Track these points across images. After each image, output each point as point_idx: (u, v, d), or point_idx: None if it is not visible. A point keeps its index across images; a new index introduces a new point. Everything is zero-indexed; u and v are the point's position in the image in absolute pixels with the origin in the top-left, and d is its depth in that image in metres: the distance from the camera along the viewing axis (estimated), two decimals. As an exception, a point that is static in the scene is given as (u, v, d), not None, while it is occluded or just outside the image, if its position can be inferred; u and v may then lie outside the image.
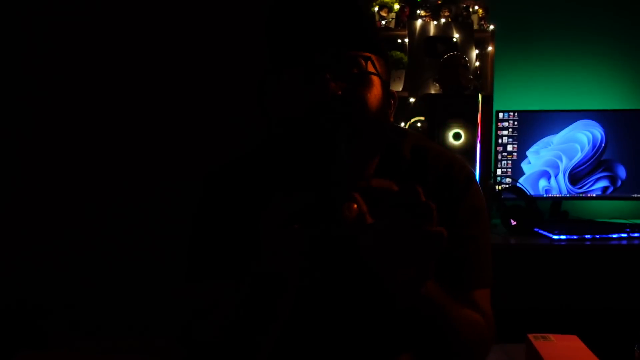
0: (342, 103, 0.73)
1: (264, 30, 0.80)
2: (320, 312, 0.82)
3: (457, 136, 1.97)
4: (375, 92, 0.77)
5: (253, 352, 0.71)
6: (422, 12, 2.27)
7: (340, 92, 0.73)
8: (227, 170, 0.88)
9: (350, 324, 0.83)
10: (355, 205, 0.58)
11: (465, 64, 2.05)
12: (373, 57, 0.78)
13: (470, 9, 2.29)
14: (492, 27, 2.27)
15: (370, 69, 0.77)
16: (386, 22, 2.29)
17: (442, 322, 0.72)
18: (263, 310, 0.68)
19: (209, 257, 0.83)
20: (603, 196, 2.27)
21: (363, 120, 0.75)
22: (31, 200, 2.43)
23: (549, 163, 2.25)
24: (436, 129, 1.97)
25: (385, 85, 0.82)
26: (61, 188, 2.44)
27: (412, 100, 2.21)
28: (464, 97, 2.02)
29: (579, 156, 2.25)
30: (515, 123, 2.25)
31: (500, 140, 2.25)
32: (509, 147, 2.25)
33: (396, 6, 2.28)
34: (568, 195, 2.26)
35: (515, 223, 2.05)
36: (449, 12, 2.26)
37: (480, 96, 2.03)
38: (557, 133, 2.25)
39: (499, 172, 2.25)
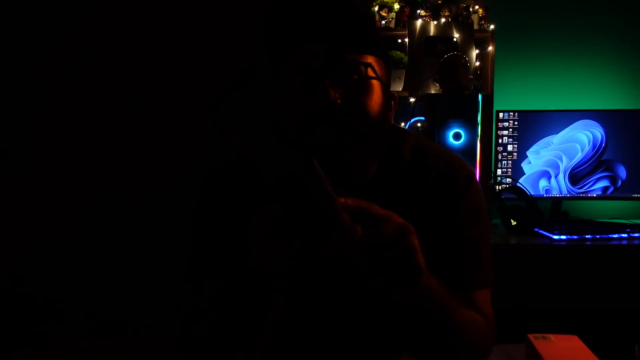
0: (342, 112, 0.73)
1: (261, 34, 0.80)
2: (319, 312, 0.82)
3: (457, 136, 1.97)
4: (375, 97, 0.77)
5: (248, 352, 0.71)
6: (422, 12, 2.27)
7: (339, 101, 0.73)
8: (227, 171, 0.88)
9: (349, 323, 0.83)
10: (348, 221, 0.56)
11: (465, 64, 2.05)
12: (373, 59, 0.78)
13: (471, 9, 2.29)
14: (492, 27, 2.27)
15: (370, 73, 0.77)
16: (386, 22, 2.29)
17: (444, 320, 0.72)
18: (252, 312, 0.68)
19: (208, 257, 0.83)
20: (603, 196, 2.27)
21: (363, 128, 0.75)
22: (31, 200, 2.44)
23: (549, 163, 2.25)
24: (436, 129, 1.97)
25: (385, 87, 0.82)
26: (61, 188, 2.44)
27: (412, 100, 2.21)
28: (464, 97, 2.02)
29: (579, 156, 2.25)
30: (516, 123, 2.25)
31: (500, 140, 2.25)
32: (509, 147, 2.25)
33: (396, 6, 2.28)
34: (568, 195, 2.26)
35: (515, 223, 2.05)
36: (449, 11, 2.26)
37: (480, 96, 2.03)
38: (557, 133, 2.25)
39: (499, 172, 2.25)
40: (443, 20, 2.25)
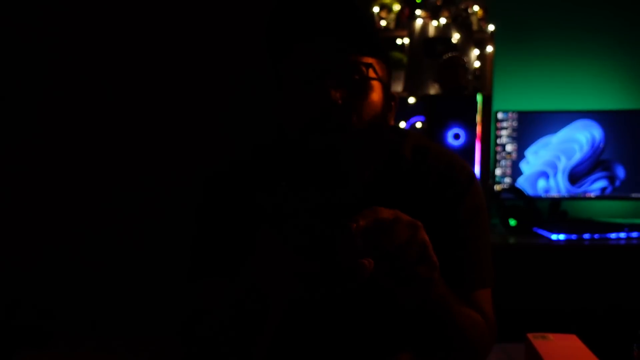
0: (343, 112, 0.74)
1: (264, 34, 0.80)
2: (320, 311, 0.83)
3: (456, 136, 1.98)
4: (375, 98, 0.78)
5: (248, 350, 0.71)
6: (422, 13, 2.28)
7: (340, 101, 0.74)
8: (228, 172, 0.89)
9: (350, 323, 0.83)
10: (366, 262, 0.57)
11: (464, 65, 2.06)
12: (374, 61, 0.78)
13: (470, 10, 2.30)
14: (491, 27, 2.27)
15: (371, 74, 0.77)
16: (386, 23, 2.30)
17: (444, 318, 0.72)
18: (252, 313, 0.69)
19: (211, 257, 0.83)
20: (602, 196, 2.28)
21: (363, 129, 0.75)
22: (32, 200, 2.44)
23: (548, 163, 2.26)
24: (436, 129, 1.98)
25: (386, 88, 0.82)
26: (61, 188, 2.44)
27: (411, 100, 2.22)
28: (464, 97, 2.03)
29: (577, 156, 2.26)
30: (515, 123, 2.25)
31: (499, 141, 2.26)
32: (508, 147, 2.26)
33: (396, 7, 2.29)
34: (567, 195, 2.27)
35: (514, 223, 2.05)
36: (448, 12, 2.26)
37: (479, 96, 2.04)
38: (555, 133, 2.26)
39: (498, 172, 2.26)
40: (442, 21, 2.26)
